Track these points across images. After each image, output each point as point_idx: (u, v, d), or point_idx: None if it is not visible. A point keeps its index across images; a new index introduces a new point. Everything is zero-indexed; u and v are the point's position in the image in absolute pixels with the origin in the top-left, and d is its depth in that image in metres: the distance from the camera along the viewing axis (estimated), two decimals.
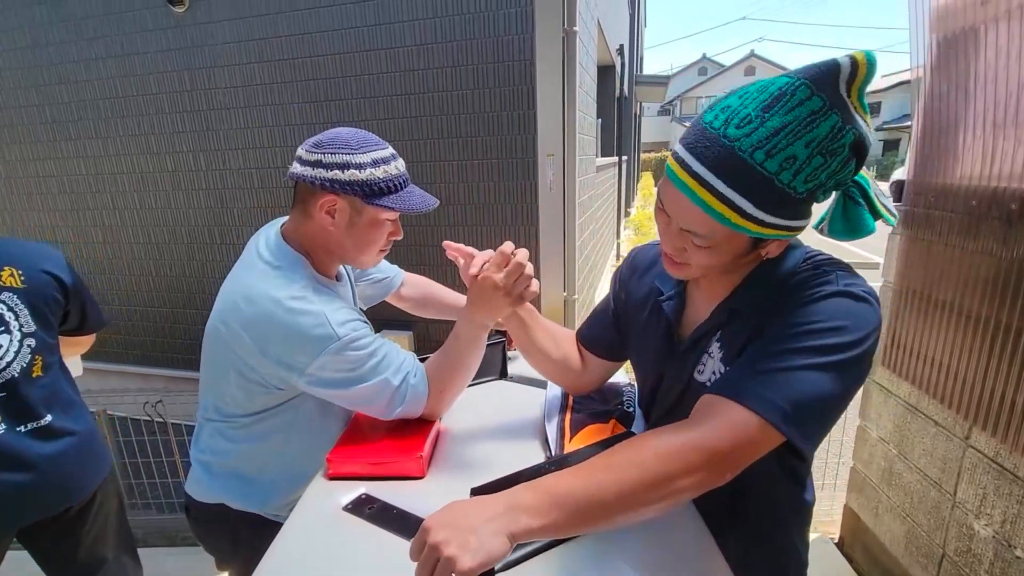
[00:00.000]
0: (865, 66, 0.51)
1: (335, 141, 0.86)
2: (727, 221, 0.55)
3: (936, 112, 1.50)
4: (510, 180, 2.60)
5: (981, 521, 1.32)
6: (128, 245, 3.34)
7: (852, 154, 0.54)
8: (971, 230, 1.34)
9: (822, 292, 0.58)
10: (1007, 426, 1.23)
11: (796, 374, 0.55)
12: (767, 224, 0.56)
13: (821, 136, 0.51)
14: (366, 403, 0.89)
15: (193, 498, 1.00)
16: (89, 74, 3.09)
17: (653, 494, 0.53)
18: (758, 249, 0.61)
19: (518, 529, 0.52)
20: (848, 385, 0.57)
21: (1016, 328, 1.20)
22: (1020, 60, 1.22)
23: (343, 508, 0.77)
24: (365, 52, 2.64)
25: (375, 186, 0.86)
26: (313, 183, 0.85)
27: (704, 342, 0.71)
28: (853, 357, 0.55)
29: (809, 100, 0.51)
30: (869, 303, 0.58)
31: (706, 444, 0.54)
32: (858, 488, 1.85)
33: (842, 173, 0.55)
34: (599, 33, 4.48)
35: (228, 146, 2.99)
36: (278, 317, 0.82)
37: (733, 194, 0.54)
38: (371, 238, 0.92)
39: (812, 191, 0.55)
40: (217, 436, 0.96)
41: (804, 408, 0.54)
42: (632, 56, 8.90)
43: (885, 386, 1.69)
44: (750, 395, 0.55)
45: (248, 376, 0.87)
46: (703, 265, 0.62)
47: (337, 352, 0.83)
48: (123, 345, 3.50)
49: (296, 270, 0.88)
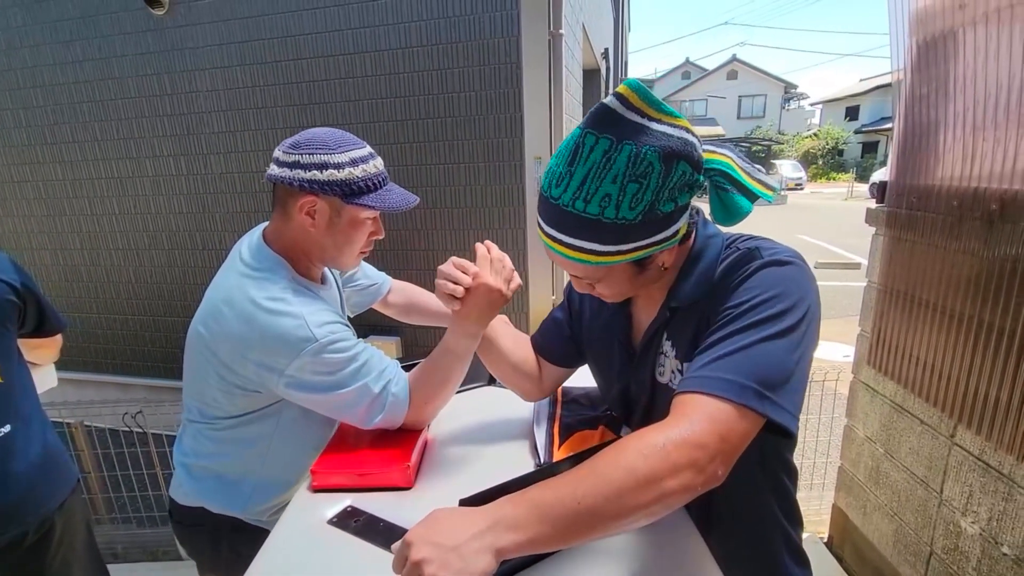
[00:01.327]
0: (632, 90, 0.57)
1: (312, 141, 0.85)
2: (590, 262, 0.62)
3: (917, 114, 1.52)
4: (497, 183, 2.59)
5: (968, 518, 1.34)
6: (107, 251, 3.26)
7: (666, 164, 0.57)
8: (953, 230, 1.36)
9: (750, 268, 0.62)
10: (991, 424, 1.24)
11: (751, 351, 0.56)
12: (626, 251, 0.61)
13: (622, 168, 0.57)
14: (344, 409, 0.88)
15: (175, 501, 1.00)
16: (65, 77, 3.01)
17: (642, 497, 0.51)
18: (647, 267, 0.65)
19: (503, 545, 0.51)
20: (802, 346, 0.58)
21: (999, 327, 1.21)
22: (997, 61, 1.24)
23: (328, 521, 0.75)
24: (349, 55, 2.61)
25: (354, 185, 0.86)
26: (291, 184, 0.85)
27: (656, 343, 0.74)
28: (798, 319, 0.58)
29: (597, 144, 0.57)
30: (795, 264, 0.62)
31: (689, 441, 0.52)
32: (846, 487, 1.86)
33: (670, 182, 0.58)
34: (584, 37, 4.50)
35: (210, 150, 2.94)
36: (257, 319, 0.82)
37: (579, 241, 0.60)
38: (351, 238, 0.92)
39: (646, 211, 0.58)
40: (200, 438, 0.96)
41: (769, 380, 0.55)
42: (617, 60, 8.97)
43: (871, 386, 1.71)
44: (716, 384, 0.55)
45: (228, 379, 0.87)
46: (615, 294, 0.69)
47: (315, 354, 0.82)
48: (102, 354, 3.42)
49: (276, 272, 0.88)
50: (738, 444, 0.55)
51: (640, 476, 0.51)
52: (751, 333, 0.57)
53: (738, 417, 0.54)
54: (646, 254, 0.62)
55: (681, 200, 0.61)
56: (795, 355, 0.57)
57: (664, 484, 0.51)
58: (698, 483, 0.53)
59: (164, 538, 1.98)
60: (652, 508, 0.52)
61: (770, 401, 0.55)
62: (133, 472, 1.96)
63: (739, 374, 0.55)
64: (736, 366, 0.56)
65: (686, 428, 0.53)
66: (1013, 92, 1.20)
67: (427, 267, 2.64)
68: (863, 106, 25.21)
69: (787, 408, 0.56)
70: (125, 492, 2.00)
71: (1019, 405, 1.17)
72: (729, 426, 0.54)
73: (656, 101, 0.58)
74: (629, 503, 0.51)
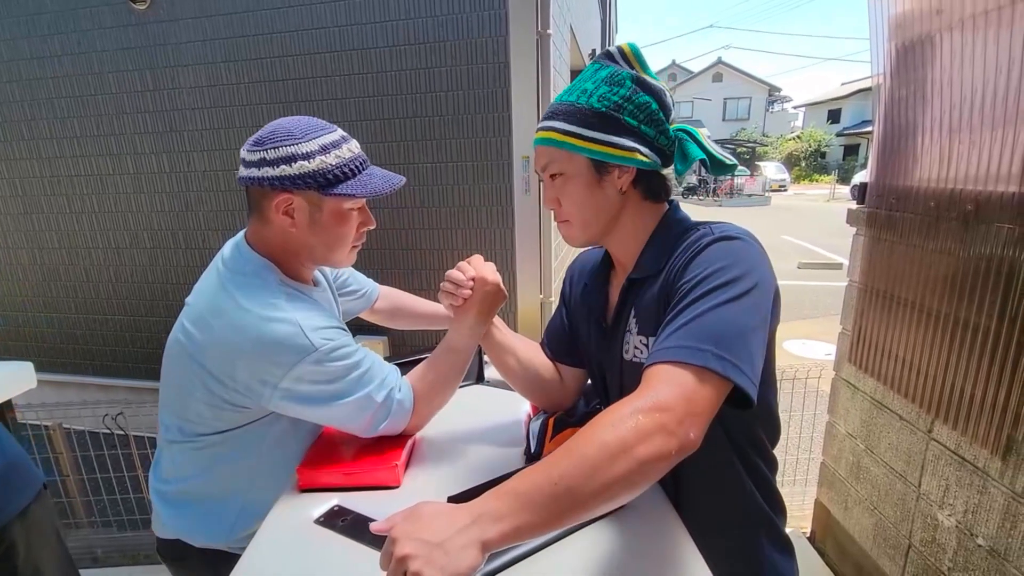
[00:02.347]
0: (630, 48, 0.73)
1: (275, 134, 0.79)
2: (556, 140, 0.73)
3: (896, 117, 1.56)
4: (485, 183, 2.59)
5: (944, 511, 1.37)
6: (86, 250, 3.19)
7: (637, 85, 0.72)
8: (930, 230, 1.39)
9: (701, 244, 0.67)
10: (967, 419, 1.28)
11: (706, 317, 0.60)
12: (587, 139, 0.71)
13: (602, 76, 0.72)
14: (347, 421, 0.83)
15: (157, 536, 0.92)
16: (43, 71, 2.95)
17: (616, 468, 0.51)
18: (603, 179, 0.73)
19: (489, 538, 0.51)
20: (754, 311, 0.62)
21: (974, 324, 1.25)
22: (973, 66, 1.27)
23: (315, 521, 0.74)
24: (336, 53, 2.59)
25: (328, 175, 0.79)
26: (262, 184, 0.78)
27: (623, 320, 0.78)
28: (749, 287, 0.62)
29: (591, 66, 0.75)
30: (742, 239, 0.67)
31: (655, 406, 0.54)
32: (828, 483, 1.90)
33: (637, 99, 0.71)
34: (572, 38, 4.52)
35: (193, 148, 2.89)
36: (248, 327, 0.76)
37: (554, 123, 0.74)
38: (339, 233, 0.84)
39: (611, 108, 0.71)
40: (180, 459, 0.87)
41: (724, 341, 0.58)
42: None
43: (852, 383, 1.74)
44: (675, 352, 0.58)
45: (216, 392, 0.80)
46: (575, 212, 0.76)
47: (316, 363, 0.77)
48: (81, 355, 3.34)
49: (263, 276, 0.82)
50: (706, 407, 0.56)
51: (611, 447, 0.52)
52: (704, 302, 0.61)
53: (700, 380, 0.56)
54: (602, 155, 0.71)
55: (644, 127, 0.72)
56: (749, 319, 0.60)
57: (636, 452, 0.52)
58: (671, 447, 0.53)
59: (145, 541, 1.94)
60: (630, 478, 0.52)
61: (728, 362, 0.57)
62: (114, 475, 1.93)
63: (696, 340, 0.58)
64: (693, 333, 0.59)
65: (651, 395, 0.55)
66: (987, 96, 1.24)
67: (414, 267, 2.63)
68: (845, 109, 25.66)
69: (745, 372, 0.58)
70: (105, 495, 1.96)
71: (993, 401, 1.20)
72: (692, 388, 0.56)
73: (644, 63, 0.73)
74: (605, 476, 0.51)
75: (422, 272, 2.75)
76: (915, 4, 1.45)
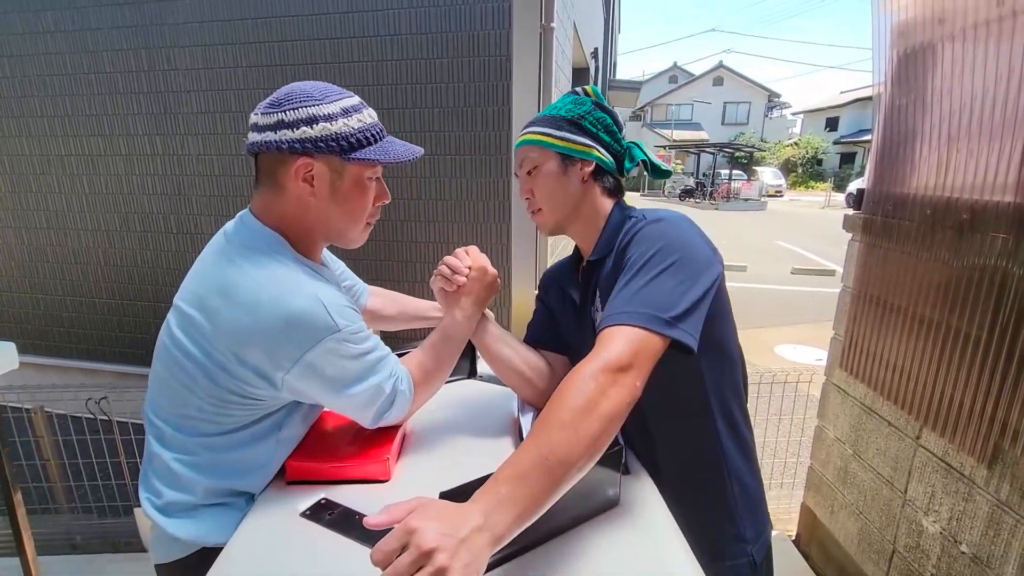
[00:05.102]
0: (592, 90, 0.90)
1: (293, 94, 0.73)
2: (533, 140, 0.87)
3: (895, 124, 1.56)
4: (483, 176, 2.57)
5: (929, 518, 1.38)
6: (75, 231, 3.14)
7: (595, 107, 0.88)
8: (925, 239, 1.39)
9: (636, 229, 0.80)
10: (955, 427, 1.29)
11: (646, 288, 0.71)
12: (557, 137, 0.86)
13: (570, 97, 0.89)
14: (355, 409, 0.79)
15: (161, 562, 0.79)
16: (36, 48, 2.89)
17: (592, 425, 0.58)
18: (568, 170, 0.86)
19: (501, 532, 0.52)
20: (689, 278, 0.71)
21: (965, 333, 1.25)
22: (973, 75, 1.27)
23: (301, 514, 0.73)
24: (336, 40, 2.56)
25: (351, 138, 0.74)
26: (280, 147, 0.72)
27: (589, 299, 0.90)
28: (680, 258, 0.72)
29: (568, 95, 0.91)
30: (667, 220, 0.79)
31: (610, 363, 0.63)
32: (815, 487, 1.91)
33: (596, 115, 0.87)
34: (575, 35, 4.50)
35: (187, 131, 2.85)
36: (264, 303, 0.68)
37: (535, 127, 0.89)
38: (359, 203, 0.79)
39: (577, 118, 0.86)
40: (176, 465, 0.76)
41: (663, 306, 0.69)
42: (606, 60, 9.00)
43: (843, 388, 1.75)
44: (624, 315, 0.69)
45: (222, 383, 0.72)
46: (545, 198, 0.88)
47: (336, 344, 0.71)
48: (66, 338, 3.29)
49: (277, 250, 0.75)
50: (649, 360, 0.66)
51: (582, 408, 0.59)
52: (645, 275, 0.72)
53: (645, 337, 0.66)
54: (568, 149, 0.85)
55: (602, 134, 0.87)
56: (684, 285, 0.71)
57: (601, 406, 0.60)
58: (625, 397, 0.62)
59: (127, 528, 1.92)
60: (605, 430, 0.60)
61: (667, 323, 0.68)
62: (96, 460, 1.90)
63: (640, 306, 0.69)
64: (637, 301, 0.70)
65: (606, 354, 0.64)
66: (986, 105, 1.24)
67: (409, 259, 2.61)
68: (843, 117, 25.83)
69: (682, 327, 0.69)
70: (87, 481, 1.93)
71: (982, 410, 1.21)
72: (640, 345, 0.66)
73: (600, 97, 0.90)
74: (585, 437, 0.58)
75: (417, 264, 2.73)
76: (918, 12, 1.45)
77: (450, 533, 0.48)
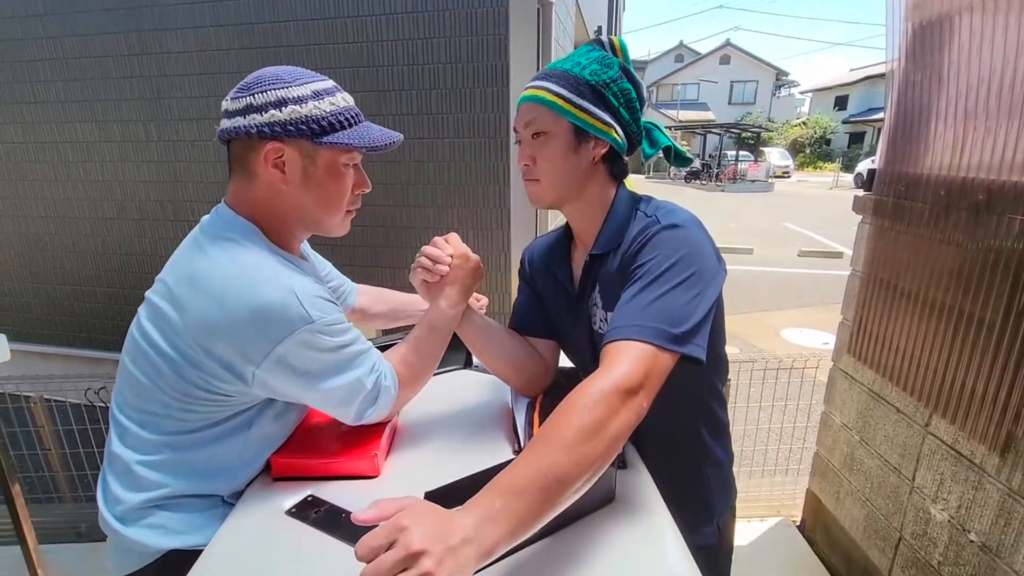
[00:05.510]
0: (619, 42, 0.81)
1: (263, 78, 0.71)
2: (546, 99, 0.77)
3: (909, 100, 1.49)
4: (482, 160, 2.52)
5: (937, 506, 1.35)
6: (72, 220, 3.12)
7: (623, 73, 0.79)
8: (939, 220, 1.34)
9: (651, 232, 0.74)
10: (966, 414, 1.25)
11: (659, 300, 0.68)
12: (574, 105, 0.76)
13: (595, 55, 0.79)
14: (334, 405, 0.76)
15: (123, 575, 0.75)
16: (26, 32, 2.84)
17: (595, 447, 0.56)
18: (580, 147, 0.78)
19: (490, 548, 0.50)
20: (701, 292, 0.70)
21: (979, 318, 1.21)
22: (992, 47, 1.21)
23: (286, 512, 0.70)
24: (329, 20, 2.49)
25: (322, 121, 0.71)
26: (249, 132, 0.70)
27: (588, 293, 0.86)
28: (692, 271, 0.70)
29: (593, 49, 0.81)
30: (685, 227, 0.74)
31: (623, 385, 0.60)
32: (820, 473, 1.88)
33: (621, 84, 0.78)
34: (577, 11, 4.38)
35: (181, 116, 2.80)
36: (231, 292, 0.66)
37: (547, 83, 0.78)
38: (334, 190, 0.76)
39: (599, 85, 0.77)
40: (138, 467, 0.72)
41: (676, 322, 0.67)
42: None
43: (850, 374, 1.72)
44: (635, 331, 0.66)
45: (188, 377, 0.69)
46: (548, 172, 0.80)
47: (310, 335, 0.68)
48: (68, 327, 3.30)
49: (250, 239, 0.72)
50: (659, 379, 0.65)
51: (589, 429, 0.56)
52: (659, 287, 0.69)
53: (657, 355, 0.64)
54: (586, 123, 0.77)
55: (623, 111, 0.79)
56: (694, 300, 0.69)
57: (609, 429, 0.58)
58: (633, 420, 0.61)
59: None
60: (607, 454, 0.58)
61: (679, 339, 0.66)
62: (97, 449, 1.90)
63: (653, 320, 0.66)
64: (651, 315, 0.67)
65: (619, 373, 0.61)
66: (1006, 79, 1.17)
67: (407, 245, 2.57)
68: (852, 96, 25.32)
69: (694, 342, 0.67)
70: (89, 471, 1.93)
71: (995, 397, 1.17)
72: (652, 364, 0.64)
73: (628, 57, 0.81)
74: (587, 458, 0.56)
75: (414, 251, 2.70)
76: None
77: (440, 539, 0.46)
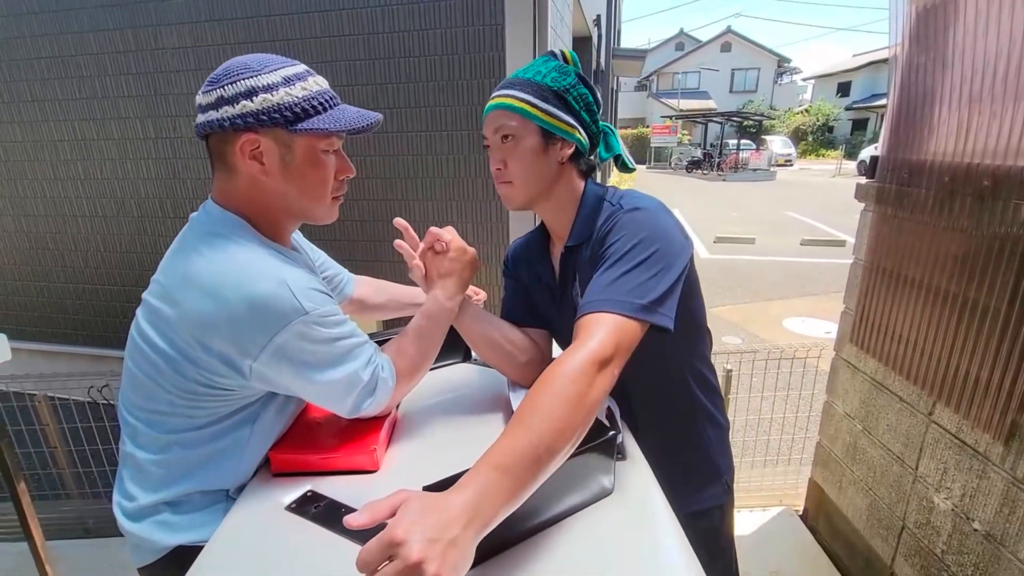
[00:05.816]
0: (567, 54, 0.86)
1: (231, 68, 0.70)
2: (514, 106, 0.81)
3: (912, 84, 1.47)
4: (480, 153, 2.50)
5: (941, 495, 1.35)
6: (73, 218, 3.12)
7: (578, 80, 0.84)
8: (943, 207, 1.32)
9: (616, 218, 0.80)
10: (970, 402, 1.24)
11: (625, 276, 0.73)
12: (540, 109, 0.81)
13: (553, 64, 0.84)
14: (330, 398, 0.76)
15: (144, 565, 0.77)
16: (20, 30, 2.82)
17: (579, 416, 0.61)
18: (548, 149, 0.83)
19: (487, 523, 0.52)
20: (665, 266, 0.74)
21: (983, 305, 1.19)
22: (999, 27, 1.18)
23: (286, 508, 0.70)
24: (325, 13, 2.47)
25: (295, 108, 0.70)
26: (223, 125, 0.69)
27: (569, 283, 0.90)
28: (658, 249, 0.75)
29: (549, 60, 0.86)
30: (646, 210, 0.80)
31: (598, 355, 0.65)
32: (823, 462, 1.88)
33: (579, 90, 0.83)
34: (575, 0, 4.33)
35: (179, 112, 2.79)
36: (224, 287, 0.66)
37: (513, 91, 0.82)
38: (316, 178, 0.75)
39: (560, 91, 0.82)
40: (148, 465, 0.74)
41: (643, 295, 0.72)
42: (610, 28, 8.72)
43: (853, 363, 1.71)
44: (604, 302, 0.71)
45: (189, 374, 0.69)
46: (519, 173, 0.83)
47: (306, 326, 0.68)
48: (71, 325, 3.32)
49: (239, 233, 0.72)
50: (629, 346, 0.69)
51: (572, 399, 0.60)
52: (624, 264, 0.74)
53: (625, 325, 0.69)
54: (552, 126, 0.82)
55: (583, 113, 0.84)
56: (658, 274, 0.74)
57: (589, 397, 0.62)
58: (607, 387, 0.65)
59: None
60: (587, 420, 0.62)
61: (646, 309, 0.71)
62: (102, 447, 1.91)
63: (620, 294, 0.71)
64: (617, 289, 0.72)
65: (595, 344, 0.66)
66: (1012, 61, 1.15)
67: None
68: (855, 82, 25.06)
69: (660, 311, 0.72)
70: (95, 467, 1.95)
71: (999, 385, 1.16)
72: (621, 332, 0.68)
73: (579, 67, 0.86)
74: (572, 427, 0.60)
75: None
76: None
77: (436, 538, 0.47)
